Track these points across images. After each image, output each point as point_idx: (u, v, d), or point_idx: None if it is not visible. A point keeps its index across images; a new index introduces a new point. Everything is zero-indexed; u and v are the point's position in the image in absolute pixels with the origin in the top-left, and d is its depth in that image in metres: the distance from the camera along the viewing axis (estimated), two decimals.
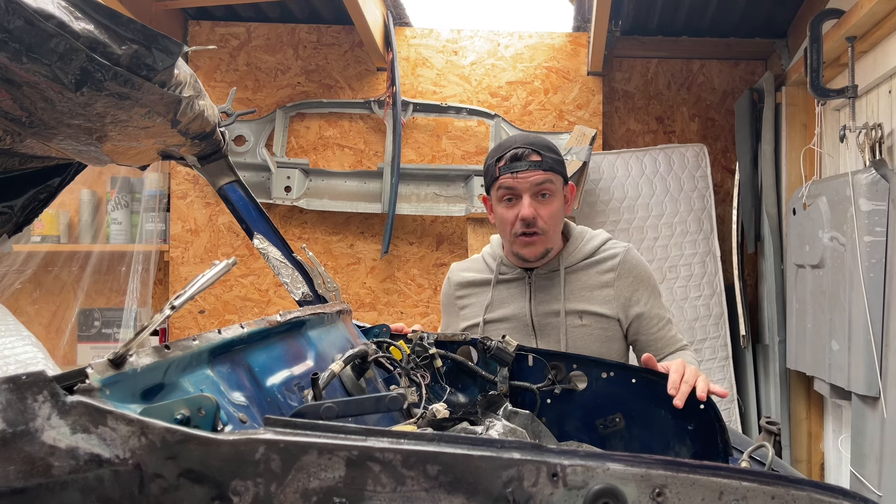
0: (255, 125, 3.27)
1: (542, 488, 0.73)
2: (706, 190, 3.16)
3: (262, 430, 0.71)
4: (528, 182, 1.66)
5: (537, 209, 1.67)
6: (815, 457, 2.92)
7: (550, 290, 1.75)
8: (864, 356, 2.20)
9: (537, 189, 1.66)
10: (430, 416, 1.20)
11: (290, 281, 1.68)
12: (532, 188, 1.66)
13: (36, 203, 1.65)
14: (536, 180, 1.66)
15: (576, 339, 1.73)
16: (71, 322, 3.31)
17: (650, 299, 1.78)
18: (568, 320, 1.73)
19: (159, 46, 1.08)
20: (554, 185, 1.68)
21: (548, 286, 1.76)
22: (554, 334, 1.74)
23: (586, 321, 1.73)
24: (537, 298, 1.76)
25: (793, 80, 2.96)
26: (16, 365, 1.20)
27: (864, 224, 2.20)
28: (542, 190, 1.67)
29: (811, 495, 0.79)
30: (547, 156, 1.67)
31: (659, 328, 1.78)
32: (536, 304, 1.76)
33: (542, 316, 1.75)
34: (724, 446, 1.44)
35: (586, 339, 1.73)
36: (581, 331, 1.73)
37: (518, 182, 1.66)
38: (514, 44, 3.30)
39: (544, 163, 1.66)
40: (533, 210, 1.66)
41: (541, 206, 1.67)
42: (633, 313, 1.76)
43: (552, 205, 1.68)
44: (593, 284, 1.75)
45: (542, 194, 1.67)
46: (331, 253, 3.32)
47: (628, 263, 1.77)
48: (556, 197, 1.69)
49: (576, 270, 1.77)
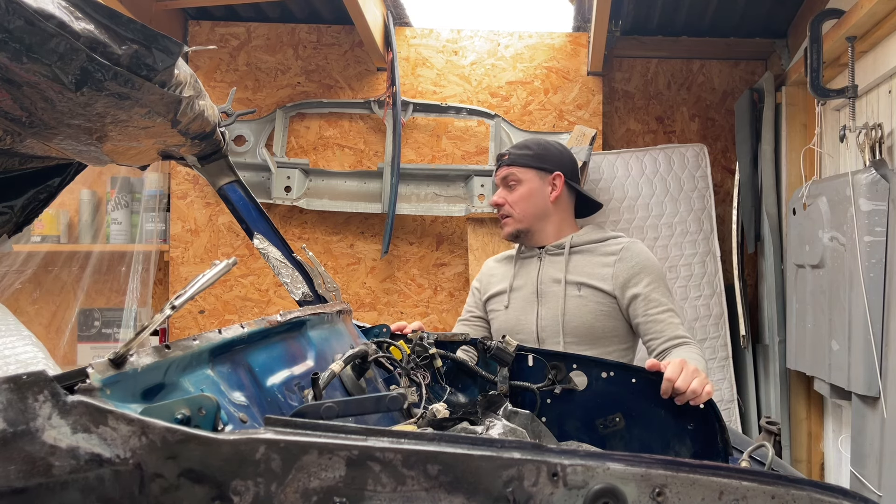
0: (255, 125, 3.27)
1: (543, 488, 0.74)
2: (706, 190, 3.16)
3: (263, 430, 0.71)
4: (498, 177, 2.04)
5: (505, 197, 2.01)
6: (815, 457, 2.92)
7: (557, 264, 1.97)
8: (864, 356, 2.20)
9: (504, 181, 2.02)
10: (430, 416, 1.20)
11: (290, 281, 1.68)
12: (501, 181, 2.03)
13: (36, 203, 1.65)
14: (502, 174, 2.02)
15: (572, 307, 1.90)
16: (71, 322, 3.31)
17: (651, 284, 1.88)
18: (567, 290, 1.91)
19: (159, 46, 1.08)
20: (518, 176, 1.99)
21: (556, 261, 1.98)
22: (554, 301, 1.92)
23: (584, 293, 1.90)
24: (545, 270, 1.98)
25: (793, 80, 2.96)
26: (16, 365, 1.20)
27: (864, 224, 2.20)
28: (507, 182, 2.01)
29: (811, 495, 0.79)
30: (514, 153, 2.01)
31: (658, 311, 1.85)
32: (543, 274, 1.97)
33: (546, 284, 1.95)
34: (724, 446, 1.44)
35: (581, 309, 1.89)
36: (578, 300, 1.90)
37: (496, 178, 2.06)
38: (514, 44, 3.30)
39: (509, 159, 2.01)
40: (500, 198, 2.01)
41: (508, 194, 2.01)
42: (630, 293, 1.87)
43: (516, 192, 2.00)
44: (595, 263, 1.94)
45: (508, 185, 2.01)
46: (331, 253, 3.32)
47: (631, 251, 1.93)
48: (523, 185, 1.99)
49: (581, 251, 1.97)
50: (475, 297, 2.13)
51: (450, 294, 3.30)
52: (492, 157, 3.21)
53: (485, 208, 3.17)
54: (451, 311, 3.29)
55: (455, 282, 3.30)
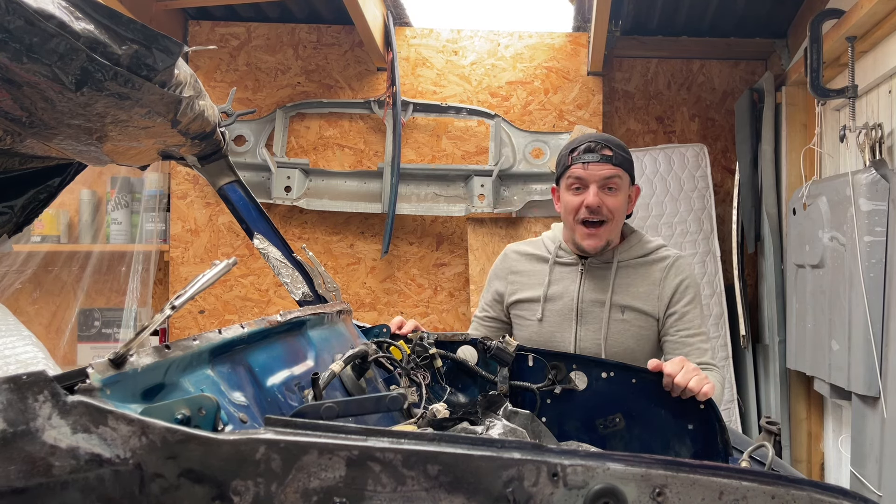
0: (255, 125, 3.27)
1: (543, 488, 0.74)
2: (706, 190, 3.16)
3: (263, 430, 0.71)
4: (597, 174, 1.74)
5: (603, 199, 1.74)
6: (815, 457, 2.92)
7: (600, 281, 1.81)
8: (864, 356, 2.20)
9: (605, 182, 1.75)
10: (430, 416, 1.20)
11: (290, 281, 1.68)
12: (600, 180, 1.75)
13: (36, 203, 1.65)
14: (605, 174, 1.74)
15: (615, 332, 1.78)
16: (71, 322, 3.31)
17: (689, 305, 1.79)
18: (612, 313, 1.78)
19: (159, 46, 1.08)
20: (621, 181, 1.76)
21: (599, 276, 1.82)
22: (595, 322, 1.79)
23: (627, 316, 1.78)
24: (587, 286, 1.82)
25: (793, 80, 2.96)
26: (16, 365, 1.20)
27: (864, 224, 2.20)
28: (609, 183, 1.75)
29: (811, 495, 0.79)
30: (618, 153, 1.76)
31: (689, 334, 1.77)
32: (585, 291, 1.82)
33: (588, 303, 1.81)
34: (724, 446, 1.44)
35: (624, 334, 1.78)
36: (621, 325, 1.78)
37: (588, 173, 1.75)
38: (514, 44, 3.30)
39: (615, 158, 1.75)
40: (598, 199, 1.74)
41: (606, 197, 1.75)
42: (669, 311, 1.79)
43: (617, 198, 1.76)
44: (641, 283, 1.81)
45: (608, 187, 1.76)
46: (331, 253, 3.32)
47: (678, 267, 1.82)
48: (622, 192, 1.77)
49: (627, 266, 1.82)
50: (495, 296, 1.94)
51: (450, 294, 3.30)
52: (492, 158, 3.20)
53: (485, 208, 3.17)
54: (450, 311, 3.29)
55: (455, 282, 3.30)
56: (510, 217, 3.24)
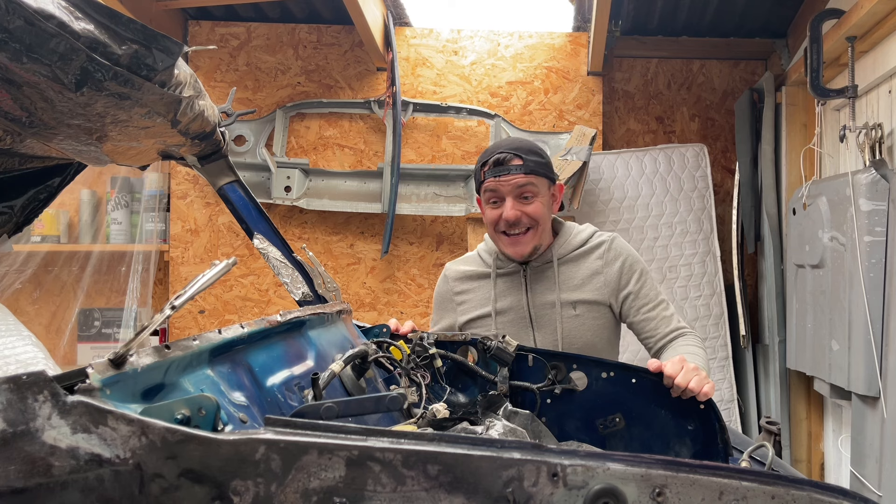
0: (255, 125, 3.27)
1: (543, 488, 0.73)
2: (706, 190, 3.16)
3: (263, 430, 0.71)
4: (510, 185, 1.74)
5: (521, 209, 1.74)
6: (815, 457, 2.92)
7: (545, 282, 1.82)
8: (864, 356, 2.20)
9: (519, 191, 1.74)
10: (430, 416, 1.20)
11: (290, 281, 1.68)
12: (514, 191, 1.74)
13: (36, 203, 1.65)
14: (518, 182, 1.73)
15: (570, 329, 1.80)
16: (71, 322, 3.31)
17: (640, 280, 1.82)
18: (563, 311, 1.80)
19: (159, 46, 1.08)
20: (535, 188, 1.75)
21: (542, 278, 1.83)
22: (550, 325, 1.80)
23: (580, 311, 1.80)
24: (533, 290, 1.83)
25: (793, 80, 2.96)
26: (16, 365, 1.20)
27: (864, 224, 2.20)
28: (523, 192, 1.75)
29: (811, 495, 0.79)
30: (529, 159, 1.74)
31: (652, 307, 1.80)
32: (533, 296, 1.82)
33: (539, 307, 1.81)
34: (724, 446, 1.44)
35: (580, 329, 1.80)
36: (575, 321, 1.80)
37: (501, 185, 1.74)
38: (514, 44, 3.30)
39: (525, 166, 1.73)
40: (516, 211, 1.74)
41: (524, 206, 1.75)
42: (622, 295, 1.81)
43: (535, 204, 1.76)
44: (584, 274, 1.82)
45: (524, 196, 1.75)
46: (331, 253, 3.32)
47: (615, 250, 1.84)
48: (539, 197, 1.77)
49: (567, 262, 1.84)
50: (446, 328, 1.92)
51: None
52: None
53: None
54: None
55: None
56: None
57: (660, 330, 1.78)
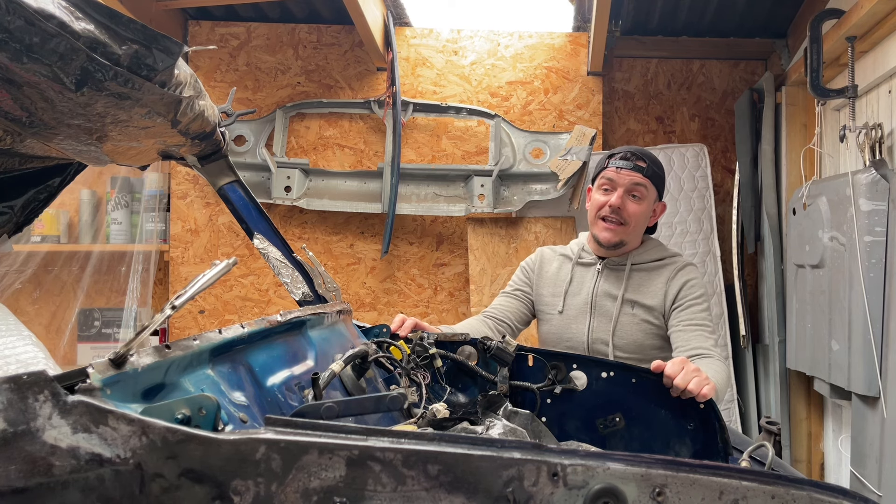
0: (255, 125, 3.27)
1: (543, 488, 0.74)
2: (706, 190, 3.16)
3: (263, 430, 0.71)
4: (627, 179, 1.90)
5: (626, 203, 1.90)
6: (815, 457, 2.92)
7: (615, 280, 1.96)
8: (864, 356, 2.20)
9: (632, 188, 1.90)
10: (430, 416, 1.20)
11: (290, 281, 1.68)
12: (629, 186, 1.90)
13: (36, 203, 1.65)
14: (635, 181, 1.90)
15: (623, 324, 1.91)
16: (71, 322, 3.31)
17: (694, 300, 1.87)
18: (622, 307, 1.92)
19: (159, 46, 1.08)
20: (647, 191, 1.91)
21: (613, 275, 1.97)
22: (606, 315, 1.93)
23: (636, 311, 1.91)
24: (601, 284, 1.97)
25: (793, 80, 2.96)
26: (16, 365, 1.20)
27: (864, 224, 2.20)
28: (635, 190, 1.91)
29: (811, 495, 0.79)
30: (651, 166, 1.92)
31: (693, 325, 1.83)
32: (599, 288, 1.96)
33: (602, 297, 1.95)
34: (724, 446, 1.44)
35: (632, 326, 1.90)
36: (630, 318, 1.91)
37: (620, 176, 1.91)
38: (514, 44, 3.30)
39: (646, 170, 1.91)
40: (621, 201, 1.89)
41: (630, 203, 1.91)
42: (674, 306, 1.89)
43: (640, 206, 1.91)
44: (651, 283, 1.94)
45: (633, 194, 1.91)
46: (331, 253, 3.32)
47: (687, 271, 1.94)
48: (645, 201, 1.92)
49: (640, 269, 1.96)
50: (526, 277, 2.09)
51: (450, 294, 3.30)
52: (492, 158, 3.20)
53: (485, 208, 3.17)
54: (450, 311, 3.29)
55: (455, 282, 3.30)
56: (510, 217, 3.24)
57: (690, 343, 1.79)
